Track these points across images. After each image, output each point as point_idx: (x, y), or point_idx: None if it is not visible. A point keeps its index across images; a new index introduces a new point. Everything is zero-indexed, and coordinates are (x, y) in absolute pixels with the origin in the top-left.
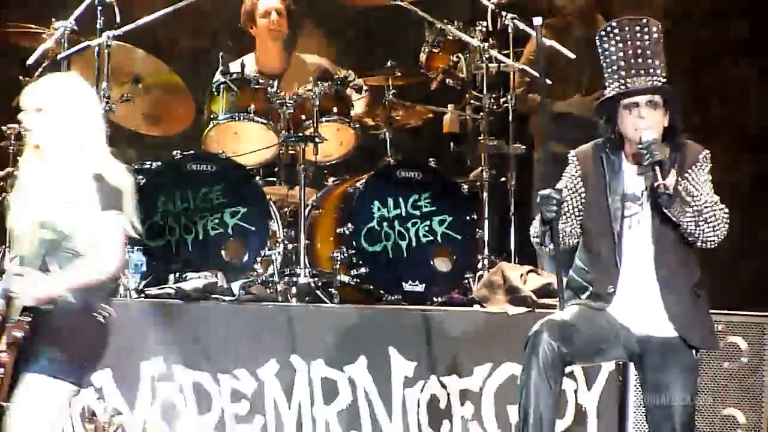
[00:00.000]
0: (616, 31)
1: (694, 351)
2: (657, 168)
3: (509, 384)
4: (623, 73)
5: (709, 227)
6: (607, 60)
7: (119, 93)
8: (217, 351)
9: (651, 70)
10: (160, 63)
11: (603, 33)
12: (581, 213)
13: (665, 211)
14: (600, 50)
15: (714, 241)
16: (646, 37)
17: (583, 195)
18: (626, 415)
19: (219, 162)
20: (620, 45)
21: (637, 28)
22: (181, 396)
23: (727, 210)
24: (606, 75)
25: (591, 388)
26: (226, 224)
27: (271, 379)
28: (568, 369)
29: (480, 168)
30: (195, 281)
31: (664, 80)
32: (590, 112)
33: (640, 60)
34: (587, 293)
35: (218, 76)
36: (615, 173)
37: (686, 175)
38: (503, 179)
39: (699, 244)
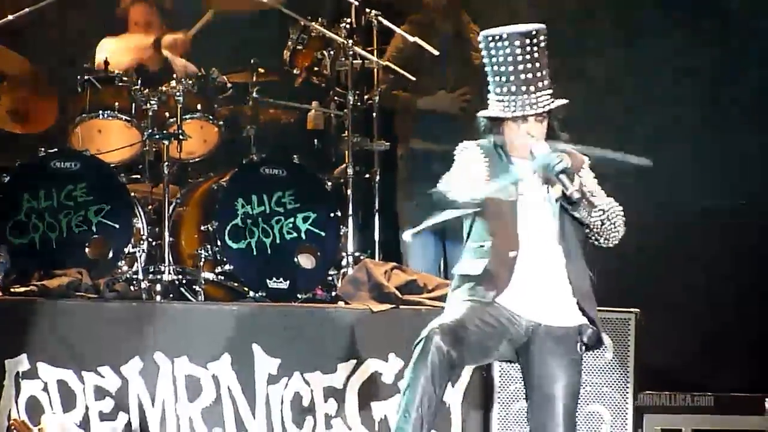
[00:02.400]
0: (506, 43)
1: (579, 345)
2: (563, 176)
3: (373, 381)
4: (513, 88)
5: (613, 226)
6: (494, 69)
7: None
8: (81, 348)
9: (539, 84)
10: (24, 60)
11: (490, 41)
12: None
13: (573, 213)
14: (486, 57)
15: (616, 238)
16: (535, 48)
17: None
18: (491, 412)
19: (83, 160)
20: (509, 59)
21: (527, 40)
22: (45, 394)
23: (623, 211)
24: (492, 82)
25: (455, 385)
26: (90, 222)
27: (134, 377)
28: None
29: (344, 165)
30: (59, 278)
31: (550, 90)
32: (454, 108)
33: (529, 75)
34: (480, 275)
35: (83, 73)
36: (499, 168)
37: (578, 177)
38: (367, 176)
39: (603, 242)
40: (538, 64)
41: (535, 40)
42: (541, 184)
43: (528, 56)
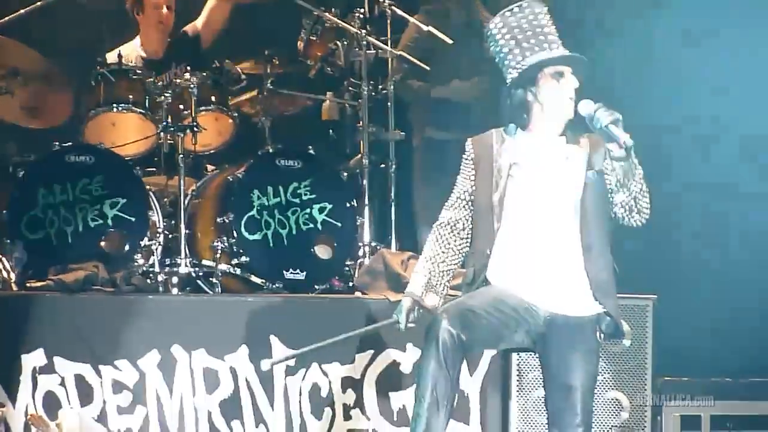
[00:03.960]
0: (516, 10)
1: (598, 334)
2: (612, 127)
3: (391, 371)
4: (536, 47)
5: (646, 198)
6: (516, 36)
7: None
8: (99, 342)
9: (556, 46)
10: (38, 55)
11: (500, 18)
12: (472, 198)
13: (617, 170)
14: (502, 30)
15: (646, 214)
16: (541, 17)
17: (473, 179)
18: (509, 400)
19: (98, 153)
20: (524, 23)
21: (528, 10)
22: (63, 388)
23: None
24: (513, 53)
25: (473, 374)
26: (105, 215)
27: (152, 370)
28: None
29: (360, 155)
30: (76, 273)
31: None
32: (468, 97)
33: (549, 36)
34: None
35: (96, 67)
36: (504, 146)
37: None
38: (383, 166)
39: (635, 218)
40: (549, 29)
41: (537, 9)
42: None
43: (538, 21)
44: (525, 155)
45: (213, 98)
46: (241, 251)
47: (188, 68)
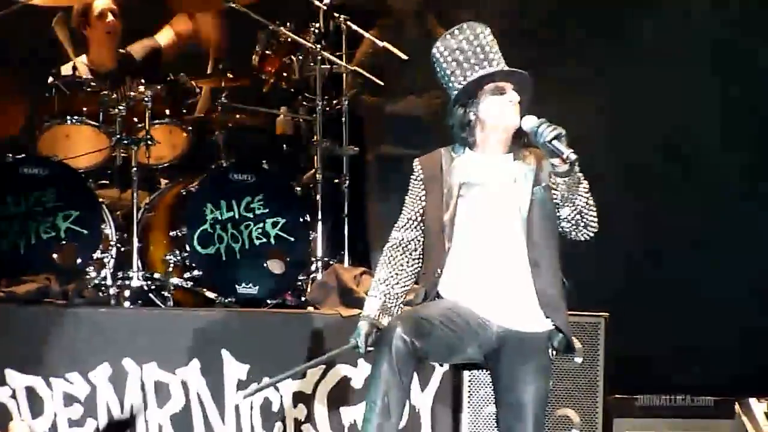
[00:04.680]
0: (456, 32)
1: (550, 351)
2: (556, 142)
3: (341, 386)
4: (476, 65)
5: (593, 212)
6: (457, 58)
7: None
8: (50, 355)
9: (495, 63)
10: None
11: (441, 42)
12: (422, 218)
13: (560, 185)
14: (443, 53)
15: (593, 228)
16: (482, 37)
17: (423, 199)
18: (460, 416)
19: (51, 165)
20: (464, 45)
21: (468, 31)
22: (14, 400)
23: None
24: (455, 74)
25: (424, 389)
26: (58, 228)
27: (103, 383)
28: None
29: (313, 170)
30: (28, 285)
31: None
32: (423, 112)
33: (490, 54)
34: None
35: (51, 79)
36: (457, 166)
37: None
38: (336, 181)
39: (582, 232)
40: (495, 48)
41: (479, 30)
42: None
43: (481, 41)
44: (473, 174)
45: (167, 111)
46: (193, 265)
47: (142, 81)
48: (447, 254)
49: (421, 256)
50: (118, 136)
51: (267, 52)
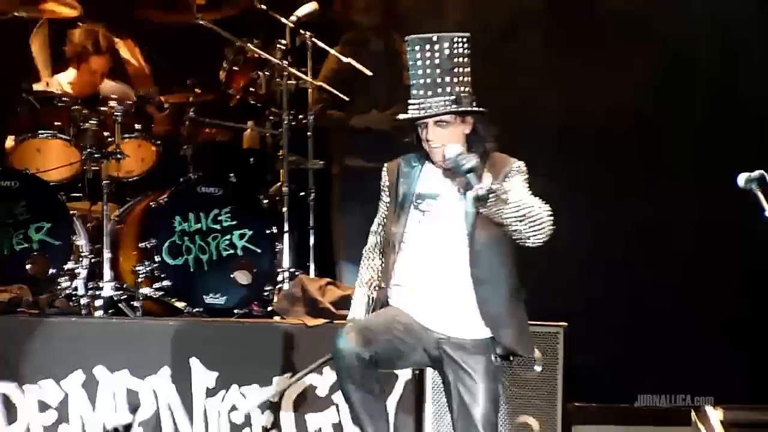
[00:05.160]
0: (410, 48)
1: (494, 357)
2: (470, 175)
3: (308, 394)
4: (414, 92)
5: (533, 225)
6: (417, 72)
7: None
8: (23, 363)
9: (440, 90)
10: None
11: (406, 47)
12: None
13: (482, 211)
14: (412, 61)
15: (540, 238)
16: (437, 54)
17: (388, 204)
18: (423, 424)
19: (23, 178)
20: (411, 63)
21: (427, 46)
22: None
23: (550, 210)
24: (416, 87)
25: (388, 397)
26: (31, 239)
27: (76, 390)
28: None
29: (280, 183)
30: (0, 295)
31: (463, 93)
32: (388, 126)
33: (428, 80)
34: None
35: (22, 93)
36: (411, 177)
37: (488, 176)
38: (303, 194)
39: (528, 242)
40: (438, 70)
41: (437, 47)
42: (454, 185)
43: (428, 61)
44: (427, 186)
45: (137, 126)
46: (162, 275)
47: (113, 97)
48: (394, 265)
49: None
50: (89, 150)
51: (234, 67)
